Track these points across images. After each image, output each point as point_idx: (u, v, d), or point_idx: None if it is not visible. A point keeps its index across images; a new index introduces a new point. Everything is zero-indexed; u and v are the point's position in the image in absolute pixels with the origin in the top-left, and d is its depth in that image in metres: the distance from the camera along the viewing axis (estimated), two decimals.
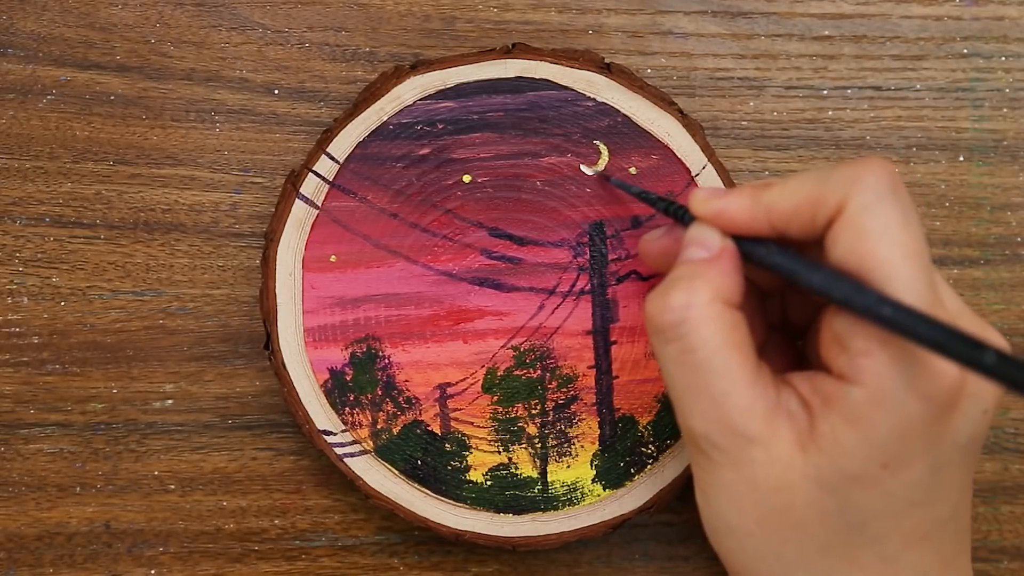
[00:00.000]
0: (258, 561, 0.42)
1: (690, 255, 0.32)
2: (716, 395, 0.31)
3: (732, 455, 0.31)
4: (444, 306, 0.39)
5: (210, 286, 0.42)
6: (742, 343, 0.31)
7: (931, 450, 0.30)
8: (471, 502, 0.39)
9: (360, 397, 0.39)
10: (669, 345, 0.31)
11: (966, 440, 0.31)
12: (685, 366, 0.31)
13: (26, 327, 0.41)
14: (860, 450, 0.30)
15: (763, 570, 0.32)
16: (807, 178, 0.31)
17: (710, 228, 0.33)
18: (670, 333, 0.31)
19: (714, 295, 0.31)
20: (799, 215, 0.31)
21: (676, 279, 0.32)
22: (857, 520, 0.31)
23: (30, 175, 0.41)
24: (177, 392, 0.42)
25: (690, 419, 0.32)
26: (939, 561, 0.32)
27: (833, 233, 0.30)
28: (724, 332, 0.31)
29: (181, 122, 0.41)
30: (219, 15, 0.41)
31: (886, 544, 0.31)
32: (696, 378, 0.31)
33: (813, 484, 0.31)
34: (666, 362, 0.32)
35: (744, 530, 0.32)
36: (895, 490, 0.30)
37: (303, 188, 0.39)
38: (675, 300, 0.31)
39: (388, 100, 0.38)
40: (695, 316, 0.31)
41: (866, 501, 0.31)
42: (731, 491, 0.32)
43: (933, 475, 0.31)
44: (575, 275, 0.39)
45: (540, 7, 0.41)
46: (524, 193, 0.39)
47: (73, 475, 0.42)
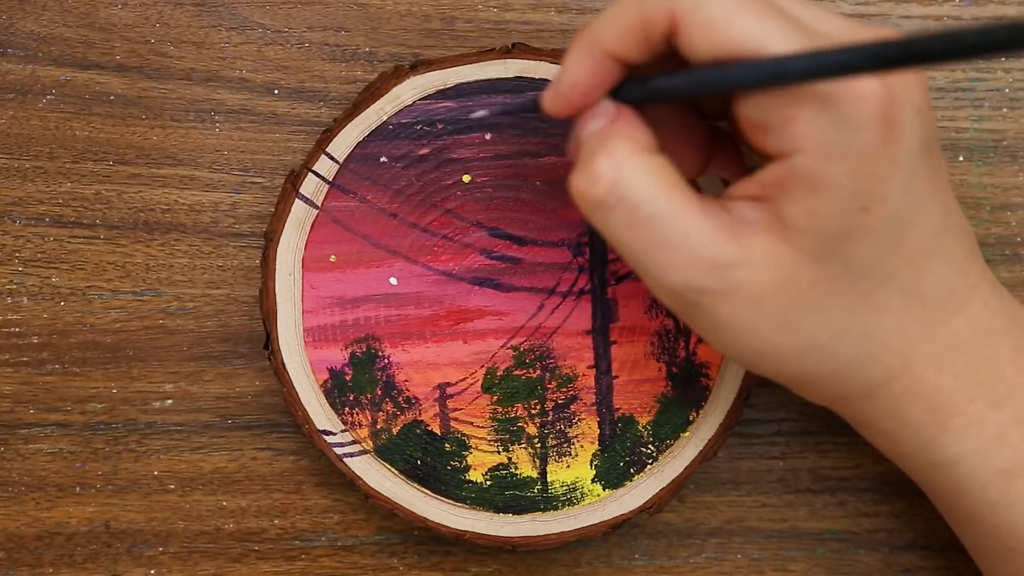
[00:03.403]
0: (258, 561, 0.42)
1: (592, 129, 0.32)
2: (678, 240, 0.30)
3: (719, 289, 0.31)
4: (444, 306, 0.39)
5: (210, 286, 0.42)
6: (678, 183, 0.31)
7: (894, 171, 0.30)
8: (471, 502, 0.39)
9: (360, 397, 0.39)
10: (612, 214, 0.31)
11: (919, 146, 0.31)
12: (636, 226, 0.31)
13: (26, 327, 0.41)
14: (835, 208, 0.30)
15: (810, 368, 0.32)
16: (624, 2, 0.31)
17: (600, 103, 0.32)
18: (609, 200, 0.31)
19: (634, 147, 0.31)
20: (633, 39, 0.31)
21: (590, 152, 0.31)
22: (864, 270, 0.31)
23: (30, 175, 0.41)
24: (177, 392, 0.42)
25: (664, 277, 0.31)
26: (955, 270, 0.33)
27: (683, 43, 0.30)
28: (659, 177, 0.31)
29: (181, 122, 0.41)
30: (219, 15, 0.41)
31: (900, 278, 0.32)
32: (652, 232, 0.31)
33: (809, 262, 0.31)
34: (616, 232, 0.31)
35: (771, 345, 0.32)
36: (882, 225, 0.31)
37: (303, 188, 0.39)
38: (600, 166, 0.31)
39: (388, 100, 0.38)
40: (626, 173, 0.31)
41: (863, 250, 0.31)
42: (737, 322, 0.31)
43: (908, 193, 0.31)
44: (575, 275, 0.39)
45: (540, 7, 0.41)
46: (524, 193, 0.39)
47: (73, 475, 0.42)
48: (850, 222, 0.30)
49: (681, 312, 0.32)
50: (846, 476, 0.42)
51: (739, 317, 0.31)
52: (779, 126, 0.30)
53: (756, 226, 0.31)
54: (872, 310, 0.32)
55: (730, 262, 0.30)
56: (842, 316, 0.32)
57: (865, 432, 0.36)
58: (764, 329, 0.31)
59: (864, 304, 0.32)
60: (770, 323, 0.31)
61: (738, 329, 0.32)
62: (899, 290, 0.32)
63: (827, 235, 0.30)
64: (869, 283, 0.31)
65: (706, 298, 0.31)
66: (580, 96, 0.32)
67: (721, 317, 0.31)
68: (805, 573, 0.42)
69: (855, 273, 0.31)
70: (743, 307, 0.31)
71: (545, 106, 0.33)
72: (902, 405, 0.33)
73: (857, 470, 0.42)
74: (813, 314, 0.31)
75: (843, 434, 0.42)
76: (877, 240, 0.31)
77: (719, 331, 0.32)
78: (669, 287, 0.31)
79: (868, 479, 0.42)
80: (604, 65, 0.31)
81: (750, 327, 0.31)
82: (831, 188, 0.29)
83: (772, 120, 0.30)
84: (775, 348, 0.32)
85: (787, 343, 0.32)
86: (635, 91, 0.32)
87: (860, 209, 0.30)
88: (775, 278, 0.31)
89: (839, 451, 0.42)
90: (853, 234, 0.30)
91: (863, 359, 0.32)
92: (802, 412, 0.42)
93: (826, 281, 0.31)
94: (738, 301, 0.31)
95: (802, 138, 0.29)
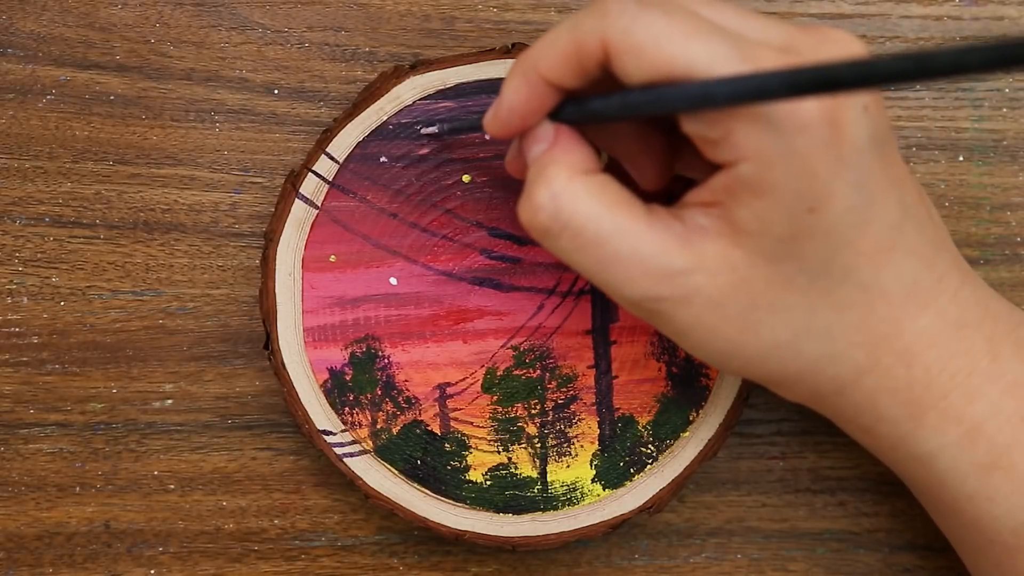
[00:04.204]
0: (258, 561, 0.42)
1: (534, 154, 0.32)
2: (627, 254, 0.31)
3: (676, 296, 0.31)
4: (444, 306, 0.39)
5: (210, 286, 0.42)
6: (621, 198, 0.31)
7: (841, 170, 0.30)
8: (471, 502, 0.39)
9: (360, 397, 0.39)
10: (560, 239, 0.31)
11: (868, 143, 0.31)
12: (584, 249, 0.31)
13: (26, 327, 0.41)
14: (782, 211, 0.30)
15: (777, 368, 0.33)
16: (559, 29, 0.31)
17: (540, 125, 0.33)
18: (554, 227, 0.31)
19: (569, 172, 0.31)
20: (568, 66, 0.31)
21: (531, 182, 0.32)
22: (819, 269, 0.31)
23: (30, 175, 0.41)
24: (177, 392, 0.42)
25: (622, 291, 0.32)
26: (920, 263, 0.33)
27: (617, 69, 0.30)
28: (599, 198, 0.31)
29: (181, 122, 0.41)
30: (219, 15, 0.41)
31: (859, 274, 0.32)
32: (601, 251, 0.31)
33: (763, 264, 0.31)
34: (569, 256, 0.32)
35: (735, 346, 0.32)
36: (834, 223, 0.31)
37: (303, 188, 0.39)
38: (539, 197, 0.31)
39: (388, 100, 0.38)
40: (566, 200, 0.31)
41: (816, 248, 0.31)
42: (699, 325, 0.32)
43: (859, 190, 0.31)
44: (575, 275, 0.39)
45: (540, 7, 0.41)
46: None
47: (73, 475, 0.42)
48: (798, 223, 0.30)
49: (646, 320, 0.33)
50: (846, 476, 0.42)
51: (700, 321, 0.32)
52: (721, 139, 0.30)
53: (709, 231, 0.31)
54: (833, 307, 0.32)
55: (683, 269, 0.31)
56: (802, 315, 0.32)
57: (845, 427, 0.36)
58: (726, 330, 0.32)
59: (824, 302, 0.32)
60: (731, 324, 0.32)
61: (701, 332, 0.32)
62: (859, 286, 0.32)
63: (777, 237, 0.30)
64: (826, 281, 0.32)
65: (665, 305, 0.32)
66: (518, 120, 0.32)
67: (683, 322, 0.32)
68: (805, 573, 0.42)
69: (810, 272, 0.31)
70: (703, 311, 0.32)
71: (485, 127, 0.33)
72: (876, 400, 0.34)
73: (857, 470, 0.42)
74: (773, 314, 0.32)
75: (843, 434, 0.42)
76: (829, 239, 0.31)
77: (684, 335, 0.32)
78: (628, 299, 0.32)
79: (868, 479, 0.42)
80: (540, 90, 0.32)
81: (712, 329, 0.32)
82: (775, 192, 0.30)
83: (712, 134, 0.30)
84: (739, 349, 0.32)
85: (750, 344, 0.32)
86: (574, 113, 0.32)
87: (807, 210, 0.30)
88: (730, 281, 0.31)
89: (839, 451, 0.42)
90: (803, 234, 0.31)
91: (829, 356, 0.33)
92: (802, 412, 0.42)
93: (782, 281, 0.31)
94: (697, 305, 0.31)
95: (743, 147, 0.30)
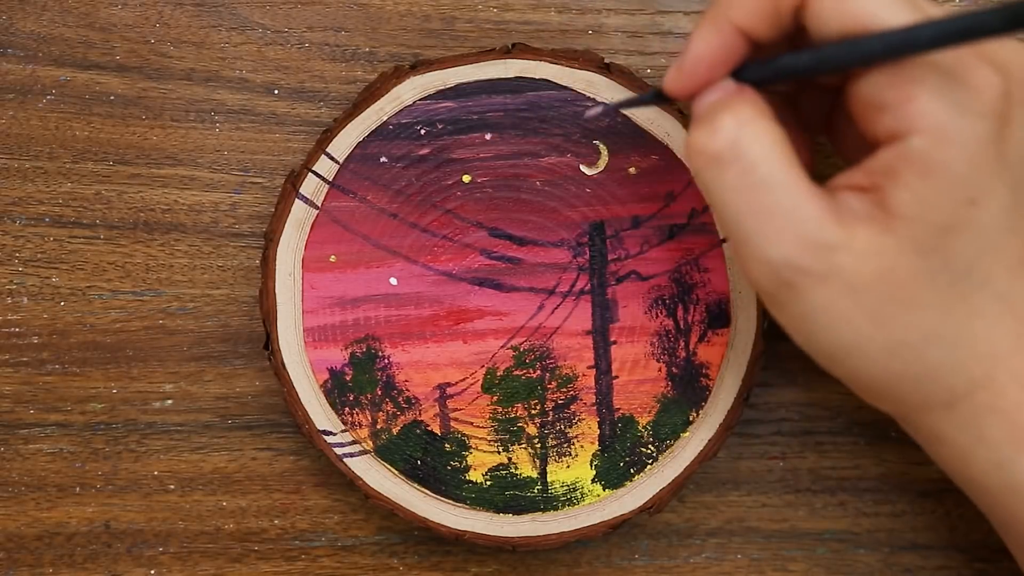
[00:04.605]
0: (258, 561, 0.42)
1: (713, 96, 0.32)
2: (787, 210, 0.30)
3: (818, 271, 0.30)
4: (444, 306, 0.39)
5: (210, 286, 0.42)
6: (794, 158, 0.31)
7: (1004, 170, 0.30)
8: (471, 502, 0.39)
9: (360, 397, 0.39)
10: (727, 172, 0.31)
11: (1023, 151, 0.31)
12: (748, 189, 0.30)
13: (26, 327, 0.41)
14: (945, 196, 0.29)
15: (895, 368, 0.32)
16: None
17: (721, 82, 0.32)
18: (726, 157, 0.30)
19: (760, 111, 0.31)
20: (763, 12, 0.31)
21: (713, 110, 0.31)
22: (963, 269, 0.31)
23: (30, 175, 0.41)
24: (177, 392, 0.42)
25: (765, 248, 0.30)
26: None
27: (813, 15, 0.30)
28: (778, 146, 0.31)
29: (181, 122, 0.41)
30: (219, 15, 0.41)
31: (995, 282, 0.31)
32: (762, 198, 0.30)
33: (912, 254, 0.30)
34: (726, 192, 0.31)
35: (863, 339, 0.31)
36: (988, 223, 0.30)
37: (303, 188, 0.39)
38: (725, 121, 0.31)
39: (388, 100, 0.38)
40: (748, 133, 0.30)
41: (965, 246, 0.30)
42: (832, 309, 0.31)
43: (1015, 194, 0.31)
44: (575, 275, 0.39)
45: (540, 7, 0.41)
46: (524, 193, 0.39)
47: (73, 475, 0.42)
48: (957, 213, 0.30)
49: (771, 292, 0.32)
50: (846, 476, 0.42)
51: (834, 305, 0.31)
52: (897, 105, 0.29)
53: (860, 215, 0.30)
54: (966, 314, 0.31)
55: (834, 244, 0.30)
56: (936, 316, 0.31)
57: (936, 449, 0.34)
58: (858, 320, 0.31)
59: (959, 306, 0.31)
60: (865, 315, 0.31)
61: (830, 318, 0.31)
62: (994, 295, 0.31)
63: (933, 225, 0.30)
64: (966, 285, 0.31)
65: (803, 279, 0.30)
66: (705, 71, 0.32)
67: (815, 302, 0.31)
68: (805, 573, 0.42)
69: (954, 271, 0.31)
70: (839, 294, 0.30)
71: (668, 84, 0.33)
72: (981, 419, 0.32)
73: (857, 470, 0.42)
74: (909, 311, 0.31)
75: (843, 434, 0.42)
76: (979, 238, 0.30)
77: (809, 318, 0.31)
78: (768, 261, 0.31)
79: (868, 479, 0.42)
80: (731, 40, 0.31)
81: (844, 317, 0.31)
82: (944, 173, 0.29)
83: (890, 99, 0.30)
84: (866, 343, 0.31)
85: (879, 338, 0.31)
86: (758, 71, 0.32)
87: (969, 201, 0.30)
88: (876, 268, 0.30)
89: (839, 451, 0.42)
90: (958, 227, 0.30)
91: (950, 365, 0.32)
92: (802, 412, 0.42)
93: (926, 276, 0.31)
94: (835, 287, 0.30)
95: (920, 118, 0.29)
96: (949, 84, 0.29)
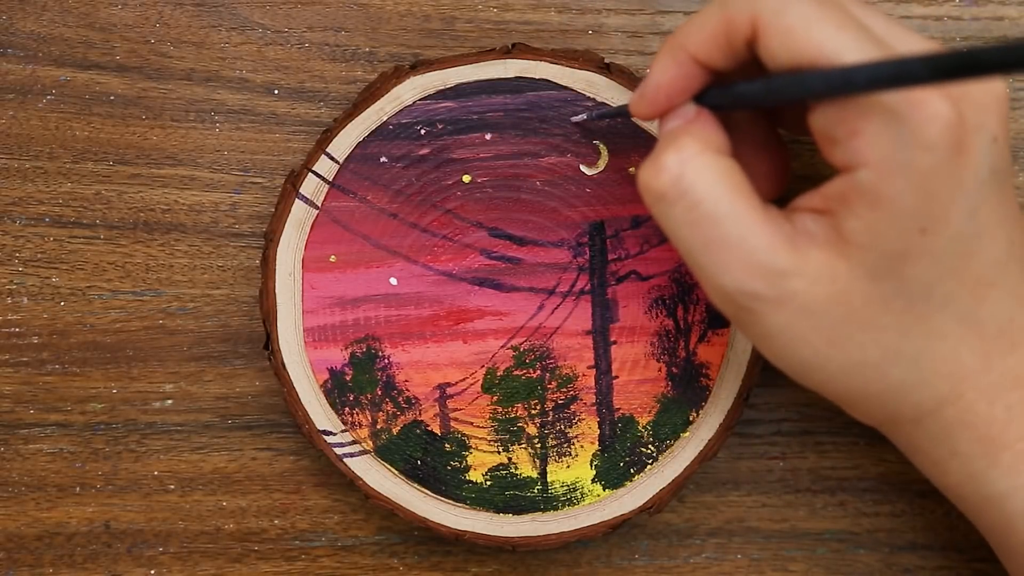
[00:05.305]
0: (258, 561, 0.42)
1: (670, 127, 0.33)
2: (735, 242, 0.31)
3: (772, 296, 0.31)
4: (444, 306, 0.39)
5: (210, 286, 0.42)
6: (743, 187, 0.31)
7: (959, 197, 0.30)
8: (471, 502, 0.39)
9: (360, 397, 0.39)
10: (673, 208, 0.31)
11: (988, 174, 0.31)
12: (695, 224, 0.31)
13: (26, 327, 0.41)
14: (895, 226, 0.30)
15: (858, 386, 0.32)
16: (709, 9, 0.32)
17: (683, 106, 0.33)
18: (671, 193, 0.31)
19: (703, 146, 0.31)
20: (716, 44, 0.31)
21: (661, 146, 0.32)
22: (920, 293, 0.31)
23: (30, 175, 0.41)
24: (177, 392, 0.42)
25: (718, 278, 0.31)
26: (1017, 303, 0.33)
27: (763, 49, 0.30)
28: (724, 178, 0.31)
29: (181, 122, 0.41)
30: (219, 15, 0.41)
31: (957, 304, 0.32)
32: (710, 231, 0.31)
33: (865, 280, 0.30)
34: (675, 227, 0.31)
35: (821, 358, 0.32)
36: (942, 249, 0.30)
37: (303, 188, 0.39)
38: (667, 159, 0.31)
39: (388, 100, 0.38)
40: (691, 169, 0.31)
41: (920, 271, 0.31)
42: (788, 331, 0.31)
43: (971, 220, 0.31)
44: (575, 275, 0.39)
45: (540, 7, 0.41)
46: (524, 193, 0.39)
47: (73, 475, 0.42)
48: (908, 242, 0.30)
49: (732, 316, 0.32)
50: (846, 476, 0.42)
51: (790, 327, 0.31)
52: (846, 138, 0.30)
53: (816, 238, 0.31)
54: (926, 335, 0.32)
55: (786, 271, 0.31)
56: (895, 337, 0.31)
57: (914, 458, 0.35)
58: (815, 341, 0.31)
59: (918, 327, 0.32)
60: (821, 336, 0.31)
61: (788, 339, 0.32)
62: (956, 317, 0.32)
63: (884, 253, 0.30)
64: (925, 306, 0.31)
65: (759, 304, 0.31)
66: (664, 99, 0.33)
67: (772, 325, 0.31)
68: (805, 573, 0.42)
69: (911, 295, 0.31)
70: (795, 317, 0.31)
71: (632, 108, 0.33)
72: (952, 433, 0.33)
73: (857, 470, 0.42)
74: (865, 332, 0.31)
75: (843, 434, 0.42)
76: (935, 263, 0.31)
77: (769, 339, 0.32)
78: (722, 289, 0.31)
79: (868, 479, 0.42)
80: (688, 69, 0.32)
81: (801, 338, 0.31)
82: (892, 205, 0.29)
83: (839, 132, 0.30)
84: (825, 362, 0.32)
85: (837, 358, 0.32)
86: (717, 96, 0.33)
87: (919, 230, 0.30)
88: (829, 291, 0.31)
89: (839, 451, 0.42)
90: (911, 255, 0.30)
91: (913, 382, 0.32)
92: (802, 412, 0.42)
93: (880, 300, 0.31)
94: (790, 311, 0.31)
95: (867, 151, 0.29)
96: (895, 118, 0.29)
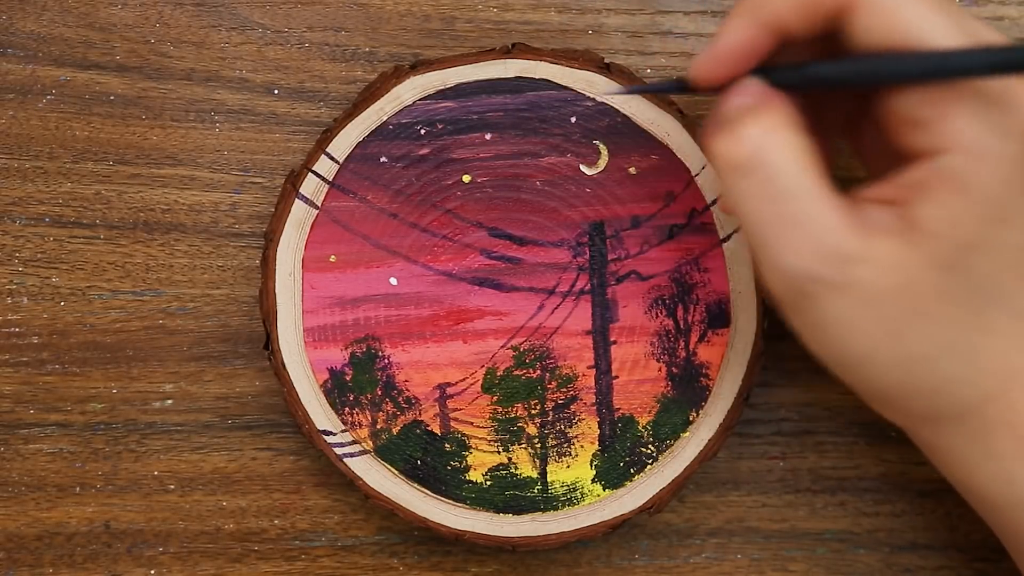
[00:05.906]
0: (258, 561, 0.42)
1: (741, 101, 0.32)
2: (806, 220, 0.30)
3: (836, 282, 0.30)
4: (444, 306, 0.39)
5: (210, 286, 0.42)
6: (819, 168, 0.31)
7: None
8: (471, 502, 0.39)
9: (360, 397, 0.39)
10: (747, 179, 0.30)
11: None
12: (768, 198, 0.30)
13: (26, 327, 0.41)
14: (974, 214, 0.29)
15: (908, 380, 0.32)
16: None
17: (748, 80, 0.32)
18: (748, 165, 0.30)
19: (786, 121, 0.31)
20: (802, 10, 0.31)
21: (738, 116, 0.31)
22: (984, 286, 0.31)
23: (30, 175, 0.41)
24: (177, 392, 0.42)
25: (783, 257, 0.30)
26: None
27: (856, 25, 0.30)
28: (802, 156, 0.30)
29: (181, 122, 0.41)
30: (219, 15, 0.41)
31: (1015, 299, 0.31)
32: (782, 207, 0.30)
33: (933, 270, 0.30)
34: (746, 200, 0.31)
35: (876, 351, 0.31)
36: (1013, 242, 0.30)
37: (303, 188, 0.39)
38: (748, 129, 0.31)
39: (388, 100, 0.38)
40: (772, 142, 0.30)
41: (988, 264, 0.30)
42: (847, 319, 0.31)
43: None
44: (575, 275, 0.39)
45: (540, 7, 0.41)
46: (524, 193, 0.39)
47: (73, 475, 0.42)
48: (985, 232, 0.30)
49: (788, 301, 0.32)
50: (846, 476, 0.42)
51: (849, 316, 0.31)
52: (934, 122, 0.29)
53: (884, 228, 0.30)
54: (981, 329, 0.31)
55: (853, 256, 0.30)
56: (952, 330, 0.31)
57: (943, 460, 0.34)
58: (873, 332, 0.31)
59: (975, 321, 0.31)
60: (880, 327, 0.31)
61: (845, 328, 0.31)
62: (1010, 312, 0.31)
63: (958, 243, 0.30)
64: (983, 301, 0.31)
65: (820, 289, 0.30)
66: (733, 62, 0.32)
67: (831, 313, 0.31)
68: (805, 573, 0.42)
69: (973, 288, 0.31)
70: (856, 306, 0.30)
71: (694, 70, 0.32)
72: (992, 432, 0.32)
73: (857, 470, 0.42)
74: (925, 324, 0.31)
75: (843, 434, 0.42)
76: (1003, 256, 0.30)
77: (824, 328, 0.31)
78: (785, 270, 0.31)
79: (868, 479, 0.42)
80: (764, 32, 0.31)
81: (859, 327, 0.31)
82: (977, 192, 0.29)
83: (927, 115, 0.29)
84: (879, 354, 0.31)
85: (893, 350, 0.31)
86: (792, 76, 0.32)
87: (999, 219, 0.30)
88: (895, 281, 0.30)
89: (839, 451, 0.42)
90: (983, 245, 0.30)
91: (961, 378, 0.32)
92: (802, 412, 0.42)
93: (945, 291, 0.30)
94: (852, 298, 0.30)
95: (957, 136, 0.29)
96: (988, 104, 0.29)
